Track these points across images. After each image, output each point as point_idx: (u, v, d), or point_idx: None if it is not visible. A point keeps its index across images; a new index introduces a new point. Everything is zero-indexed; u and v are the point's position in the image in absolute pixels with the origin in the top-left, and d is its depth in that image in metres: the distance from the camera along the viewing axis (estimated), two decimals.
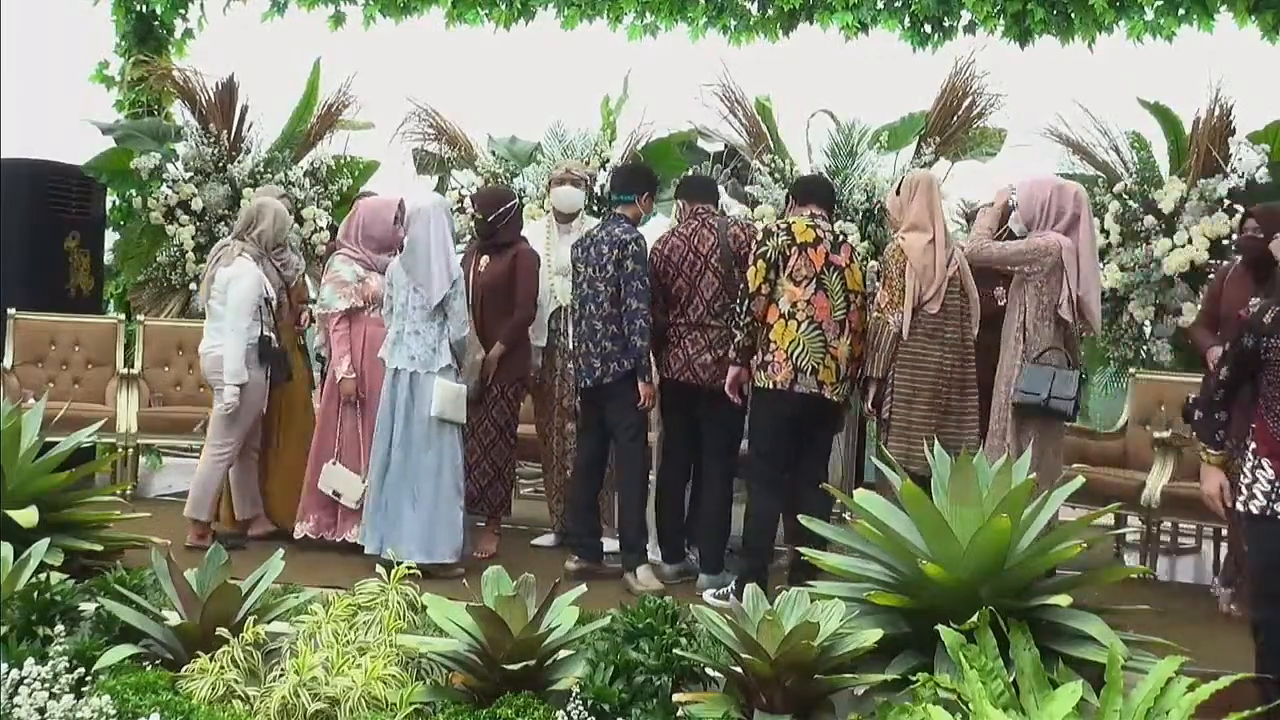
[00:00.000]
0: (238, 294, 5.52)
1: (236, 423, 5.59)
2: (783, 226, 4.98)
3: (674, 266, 5.27)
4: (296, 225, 5.98)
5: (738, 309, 4.99)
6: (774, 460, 4.97)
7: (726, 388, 5.02)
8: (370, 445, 5.45)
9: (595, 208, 6.89)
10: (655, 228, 6.22)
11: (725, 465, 5.27)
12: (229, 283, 5.55)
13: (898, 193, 5.17)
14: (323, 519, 5.61)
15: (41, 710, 3.71)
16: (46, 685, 3.77)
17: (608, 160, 7.52)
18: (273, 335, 5.65)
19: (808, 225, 4.97)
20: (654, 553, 5.49)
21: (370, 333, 5.58)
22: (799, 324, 4.88)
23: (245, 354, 5.50)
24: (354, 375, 5.53)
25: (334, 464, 5.55)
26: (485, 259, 5.70)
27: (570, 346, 5.74)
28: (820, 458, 5.15)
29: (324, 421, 5.67)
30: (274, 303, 5.73)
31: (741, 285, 5.01)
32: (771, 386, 4.87)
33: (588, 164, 7.18)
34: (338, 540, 5.56)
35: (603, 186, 6.95)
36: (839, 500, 4.69)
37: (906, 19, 7.63)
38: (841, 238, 5.08)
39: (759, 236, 5.01)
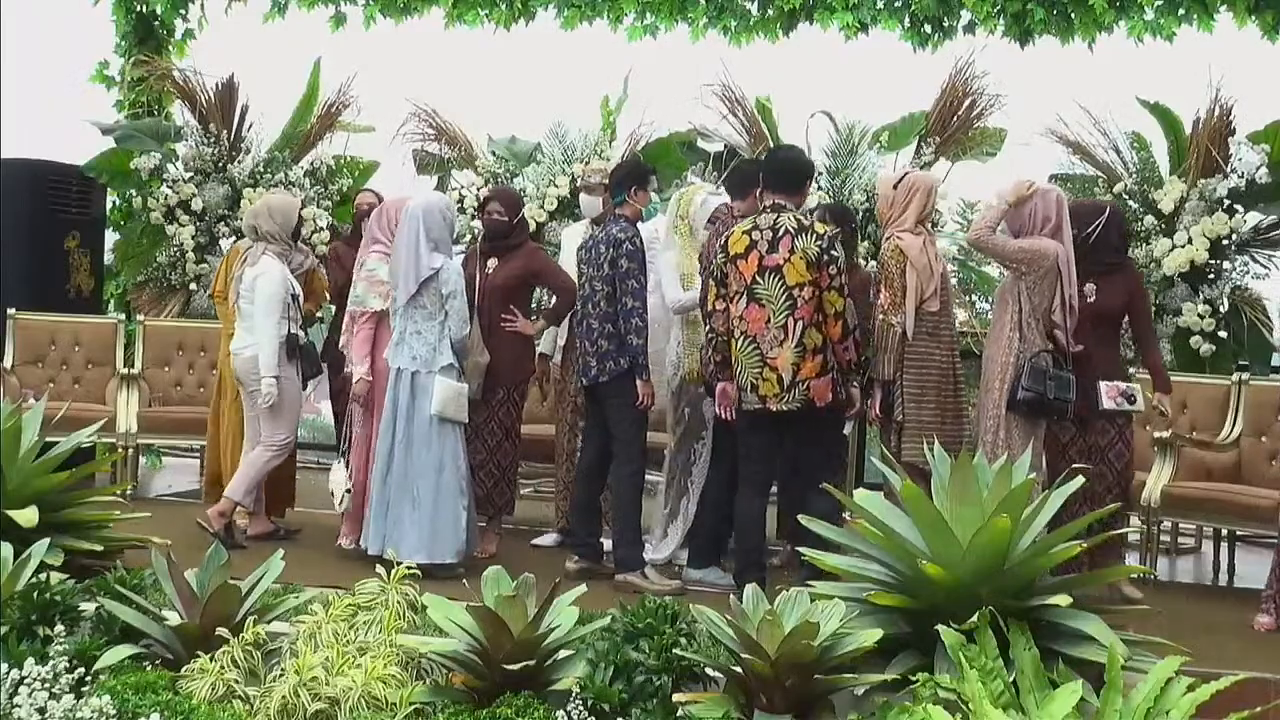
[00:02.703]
0: (265, 289, 5.54)
1: (284, 418, 5.61)
2: (721, 242, 4.92)
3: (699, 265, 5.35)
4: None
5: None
6: (746, 463, 4.97)
7: (715, 403, 5.01)
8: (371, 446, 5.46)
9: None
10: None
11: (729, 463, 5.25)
12: (255, 280, 5.59)
13: (895, 186, 5.14)
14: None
15: (41, 710, 3.71)
16: (46, 685, 3.78)
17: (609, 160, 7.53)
18: (300, 332, 5.66)
19: (743, 232, 4.86)
20: (654, 552, 5.51)
21: None
22: (738, 341, 4.84)
23: (278, 349, 5.53)
24: (369, 379, 5.46)
25: (338, 462, 5.54)
26: (493, 261, 5.70)
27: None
28: (816, 460, 4.94)
29: (338, 422, 5.70)
30: (299, 299, 5.73)
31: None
32: (736, 403, 4.91)
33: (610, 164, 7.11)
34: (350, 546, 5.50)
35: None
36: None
37: (906, 19, 7.63)
38: (783, 230, 4.77)
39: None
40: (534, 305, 6.36)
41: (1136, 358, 5.98)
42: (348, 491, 5.45)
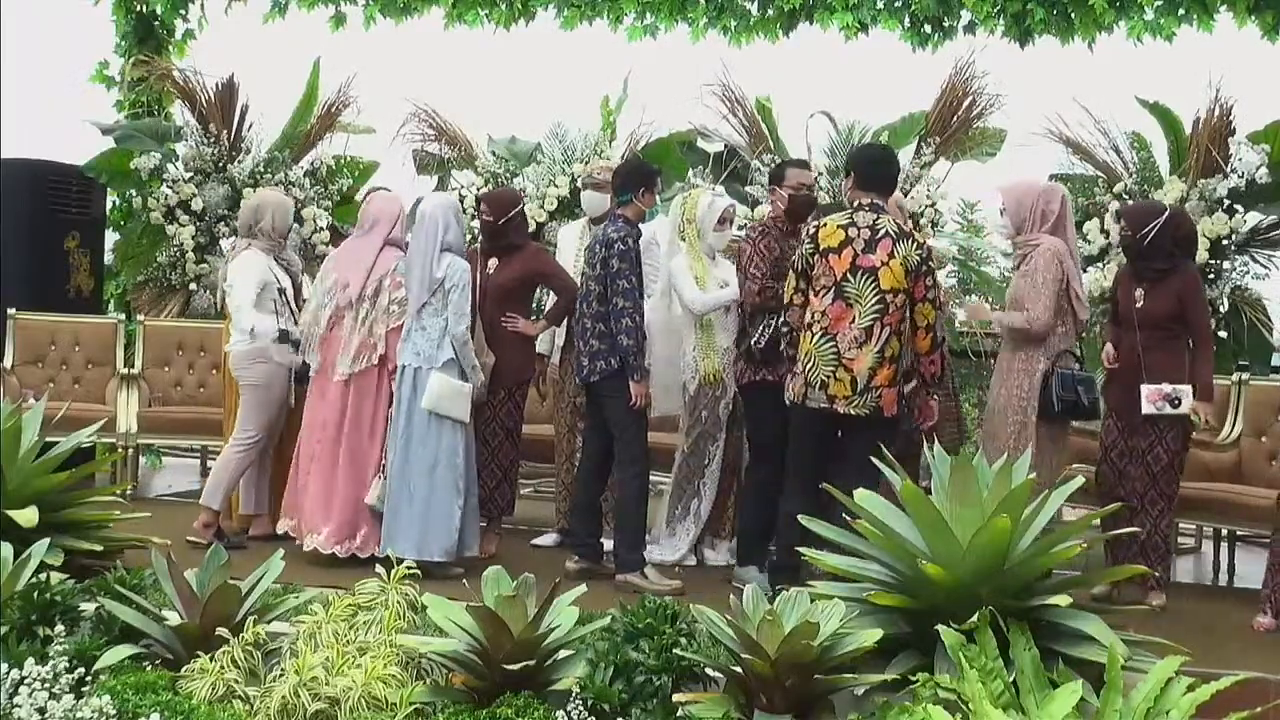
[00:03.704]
0: (240, 276, 5.54)
1: (261, 413, 5.58)
2: (811, 232, 4.81)
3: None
4: (297, 225, 5.93)
5: (780, 321, 4.94)
6: (798, 462, 4.90)
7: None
8: None
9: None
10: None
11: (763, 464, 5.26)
12: (234, 274, 5.59)
13: None
14: (341, 530, 5.35)
15: (41, 710, 3.71)
16: (46, 685, 3.78)
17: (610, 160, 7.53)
18: (291, 329, 5.61)
19: (838, 226, 4.72)
20: (663, 553, 5.53)
21: None
22: (813, 336, 4.72)
23: (260, 348, 5.50)
24: None
25: (383, 479, 5.37)
26: (494, 261, 5.69)
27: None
28: (854, 468, 4.58)
29: (378, 433, 5.40)
30: (288, 294, 5.69)
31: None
32: (790, 399, 4.83)
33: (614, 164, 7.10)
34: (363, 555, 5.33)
35: None
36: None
37: (906, 19, 7.63)
38: (883, 232, 4.68)
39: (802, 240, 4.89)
40: (535, 306, 6.35)
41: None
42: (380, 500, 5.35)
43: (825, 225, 4.77)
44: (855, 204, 4.82)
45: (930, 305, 4.70)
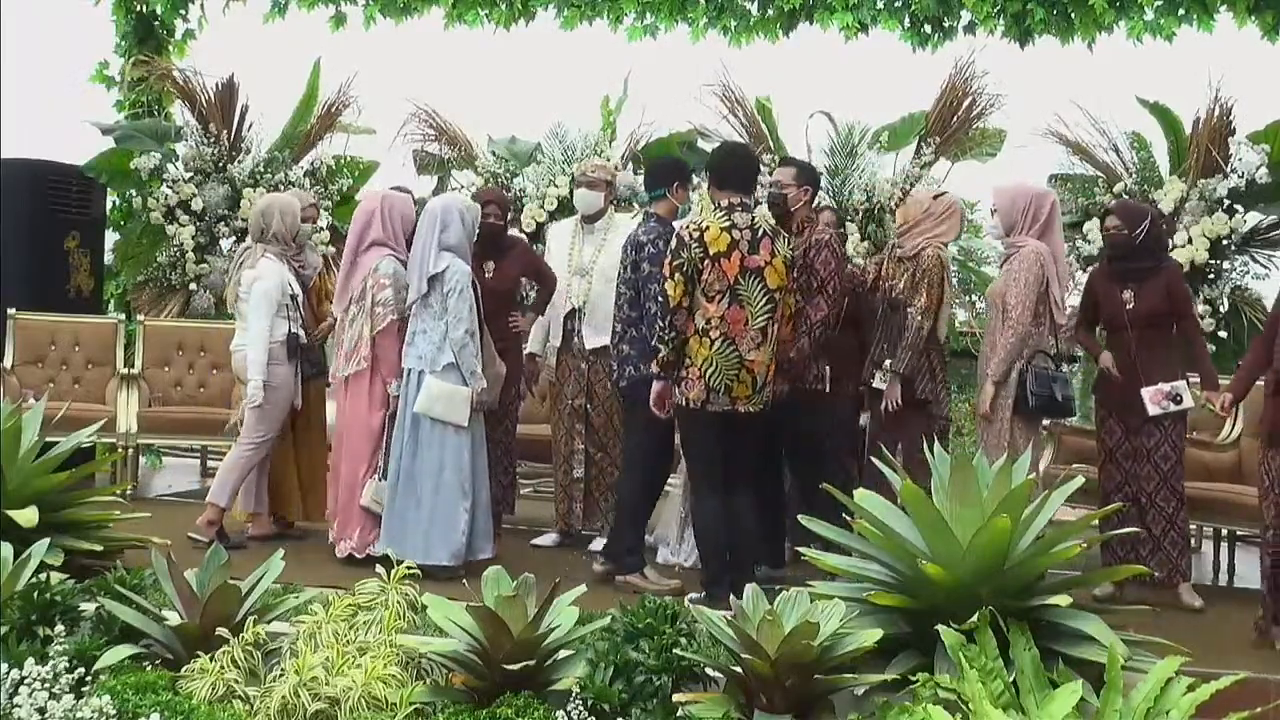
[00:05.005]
0: (258, 293, 5.54)
1: (267, 416, 5.59)
2: (695, 235, 4.70)
3: None
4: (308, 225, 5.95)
5: (661, 323, 4.81)
6: (707, 464, 4.88)
7: (650, 403, 4.89)
8: None
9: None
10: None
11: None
12: (253, 283, 5.59)
13: (935, 198, 5.26)
14: (340, 530, 5.45)
15: (41, 710, 3.71)
16: (46, 685, 3.78)
17: (631, 159, 7.54)
18: (300, 332, 5.64)
19: (722, 229, 4.69)
20: (674, 555, 5.54)
21: None
22: (711, 341, 4.69)
23: (271, 350, 5.52)
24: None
25: (380, 480, 5.38)
26: (490, 264, 5.68)
27: (584, 347, 5.77)
28: (757, 459, 4.94)
29: (370, 435, 5.44)
30: (300, 299, 5.70)
31: (661, 299, 4.85)
32: (686, 404, 4.79)
33: (610, 163, 7.05)
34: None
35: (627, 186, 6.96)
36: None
37: (906, 19, 7.63)
38: (761, 232, 4.74)
39: (673, 245, 4.77)
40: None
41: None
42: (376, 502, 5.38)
43: (709, 229, 4.72)
44: (726, 205, 4.78)
45: (792, 295, 4.88)
